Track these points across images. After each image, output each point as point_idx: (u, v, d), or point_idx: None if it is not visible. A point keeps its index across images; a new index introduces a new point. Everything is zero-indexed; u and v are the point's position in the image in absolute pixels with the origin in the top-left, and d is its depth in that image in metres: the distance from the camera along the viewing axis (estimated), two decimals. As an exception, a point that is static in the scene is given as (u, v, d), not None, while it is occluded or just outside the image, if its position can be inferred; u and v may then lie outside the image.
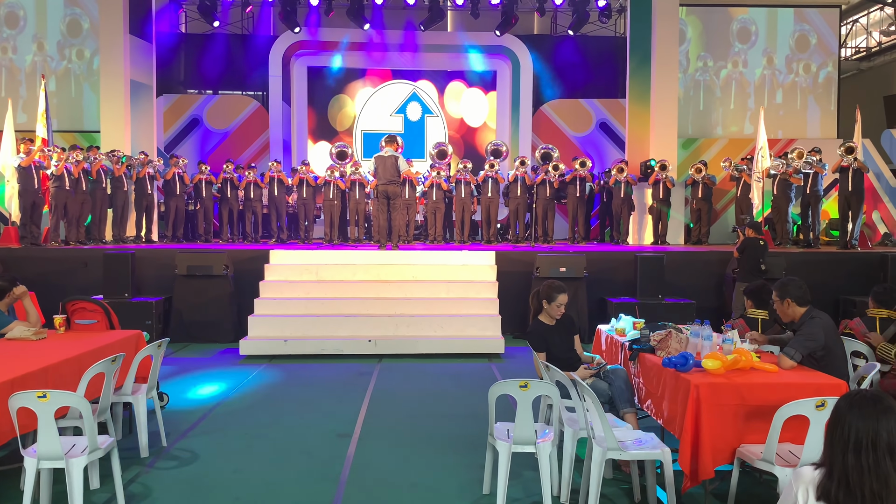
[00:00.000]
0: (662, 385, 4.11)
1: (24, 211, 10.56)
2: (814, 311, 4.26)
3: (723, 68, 15.82)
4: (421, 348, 8.21)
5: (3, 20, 15.08)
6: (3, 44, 15.07)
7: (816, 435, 3.30)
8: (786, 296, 4.29)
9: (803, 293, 4.30)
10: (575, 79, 16.09)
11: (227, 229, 12.48)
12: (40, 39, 15.17)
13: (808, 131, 15.79)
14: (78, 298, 5.34)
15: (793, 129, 15.73)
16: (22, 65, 15.11)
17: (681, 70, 15.46)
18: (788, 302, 4.29)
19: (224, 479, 4.36)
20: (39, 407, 3.45)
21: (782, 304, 4.32)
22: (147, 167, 11.76)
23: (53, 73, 15.12)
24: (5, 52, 15.08)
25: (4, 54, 15.08)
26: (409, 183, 11.87)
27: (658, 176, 12.11)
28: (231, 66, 15.93)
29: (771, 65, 15.85)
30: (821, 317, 4.22)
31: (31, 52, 15.13)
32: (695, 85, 15.83)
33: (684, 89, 15.61)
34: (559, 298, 4.71)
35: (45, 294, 7.91)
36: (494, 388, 3.81)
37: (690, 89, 15.78)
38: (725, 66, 15.82)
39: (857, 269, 9.75)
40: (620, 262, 9.76)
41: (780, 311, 4.39)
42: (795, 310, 4.28)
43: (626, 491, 4.15)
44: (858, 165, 10.80)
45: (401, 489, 4.22)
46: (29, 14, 15.07)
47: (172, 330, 8.98)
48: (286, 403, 6.15)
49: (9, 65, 15.10)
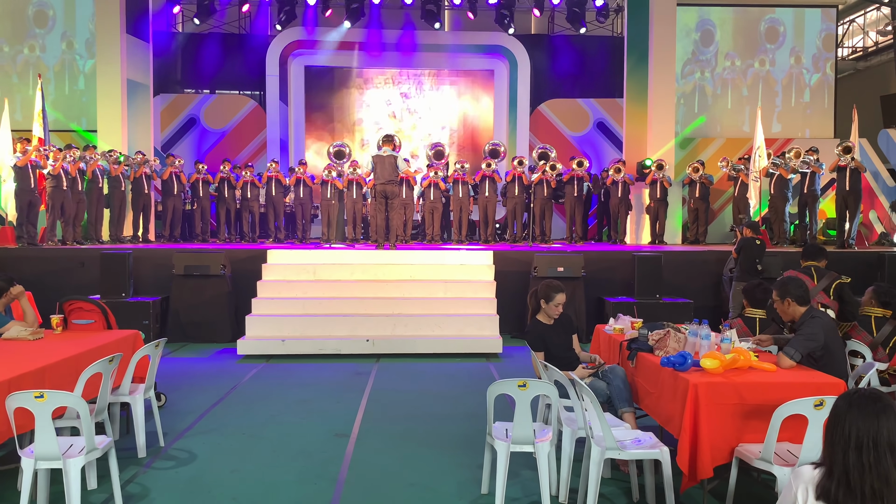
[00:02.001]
0: (661, 384, 4.11)
1: (20, 210, 10.52)
2: (814, 311, 4.26)
3: (750, 67, 15.85)
4: (419, 348, 8.20)
5: (33, 19, 15.04)
6: (32, 42, 15.04)
7: (815, 434, 3.31)
8: (786, 295, 4.28)
9: (803, 292, 4.30)
10: (572, 78, 16.10)
11: (224, 229, 12.46)
12: (69, 38, 15.15)
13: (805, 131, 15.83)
14: (75, 298, 5.32)
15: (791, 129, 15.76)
16: (51, 62, 15.08)
17: (709, 69, 15.46)
18: (789, 301, 4.28)
19: (222, 479, 4.35)
20: (37, 407, 3.43)
21: (783, 304, 4.32)
22: (144, 167, 11.74)
23: (82, 72, 15.16)
24: (33, 49, 15.03)
25: (32, 52, 15.04)
26: (407, 183, 11.86)
27: (655, 175, 12.12)
28: (228, 65, 15.92)
29: (799, 63, 15.88)
30: (821, 316, 4.22)
31: (59, 51, 15.11)
32: (722, 83, 15.82)
33: (713, 87, 15.64)
34: (557, 298, 4.71)
35: (41, 294, 7.91)
36: (493, 388, 3.80)
37: (718, 87, 15.77)
38: (752, 66, 15.85)
39: (854, 269, 9.72)
40: (618, 262, 9.76)
41: (780, 310, 4.38)
42: (796, 309, 4.28)
43: (625, 490, 4.15)
44: (855, 165, 10.82)
45: (399, 489, 4.22)
46: (58, 13, 15.00)
47: (170, 330, 8.95)
48: (284, 403, 6.14)
49: (36, 62, 15.05)
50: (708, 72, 15.86)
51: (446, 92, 16.28)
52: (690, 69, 15.82)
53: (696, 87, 15.90)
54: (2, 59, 15.11)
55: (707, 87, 15.88)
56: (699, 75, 15.86)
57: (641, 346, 4.51)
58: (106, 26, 13.00)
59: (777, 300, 4.36)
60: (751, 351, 4.09)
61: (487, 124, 16.22)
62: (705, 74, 15.86)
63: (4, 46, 15.10)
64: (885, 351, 4.94)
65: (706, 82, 15.88)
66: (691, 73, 15.84)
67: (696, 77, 15.86)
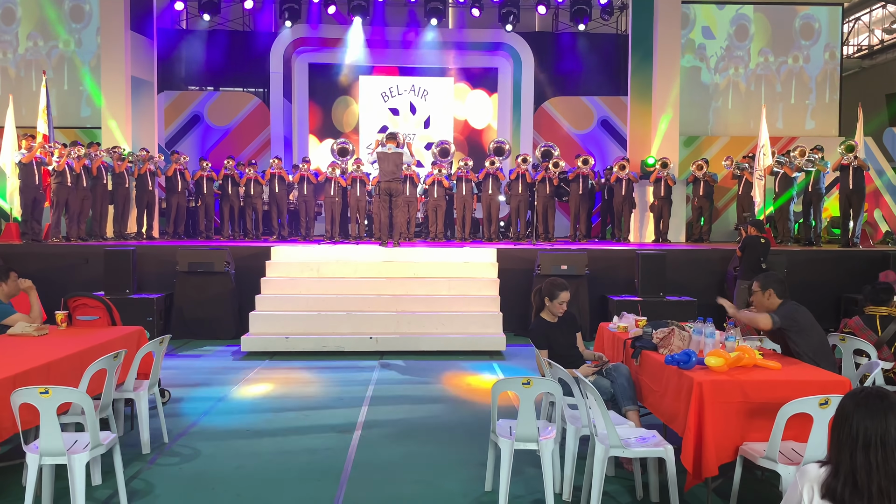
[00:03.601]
0: (665, 382, 4.10)
1: (25, 207, 10.55)
2: (789, 303, 4.45)
3: (784, 64, 15.82)
4: (422, 346, 8.20)
5: (69, 14, 15.04)
6: (69, 36, 15.06)
7: (820, 433, 3.30)
8: (768, 286, 4.48)
9: (784, 288, 4.50)
10: (576, 76, 16.06)
11: (227, 226, 12.47)
12: None
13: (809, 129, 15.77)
14: (80, 295, 5.34)
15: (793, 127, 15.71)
16: (86, 58, 15.09)
17: (742, 65, 15.48)
18: (770, 293, 4.47)
19: (226, 475, 4.35)
20: (42, 403, 3.44)
21: (763, 294, 4.49)
22: (148, 163, 11.75)
23: None
24: (68, 45, 15.06)
25: (67, 47, 15.07)
26: (411, 180, 11.85)
27: (659, 174, 12.10)
28: (232, 62, 15.90)
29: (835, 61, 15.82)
30: (797, 307, 4.41)
31: (96, 46, 15.13)
32: (756, 80, 15.79)
33: (746, 83, 15.63)
34: (561, 296, 4.70)
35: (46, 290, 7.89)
36: (497, 386, 3.80)
37: (752, 83, 15.75)
38: (786, 63, 15.81)
39: (858, 268, 9.73)
40: (622, 260, 9.75)
41: (758, 300, 4.54)
42: (774, 301, 4.47)
43: (629, 488, 4.15)
44: (860, 163, 10.79)
45: (402, 486, 4.22)
46: (94, 8, 14.98)
47: (173, 326, 8.97)
48: (287, 400, 6.14)
49: (71, 57, 15.06)
50: (742, 68, 15.80)
51: (450, 89, 16.26)
52: (725, 65, 15.78)
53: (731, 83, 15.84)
54: (35, 54, 15.06)
55: (741, 84, 15.81)
56: (733, 71, 15.80)
57: (645, 344, 4.51)
58: (110, 23, 13.01)
59: (758, 291, 4.53)
60: (755, 349, 4.09)
61: (491, 122, 16.20)
62: (739, 70, 15.79)
63: (39, 41, 15.08)
64: (890, 350, 4.94)
65: (740, 78, 15.81)
66: (725, 69, 15.79)
67: (729, 73, 15.80)
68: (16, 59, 15.06)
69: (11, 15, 15.06)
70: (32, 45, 15.05)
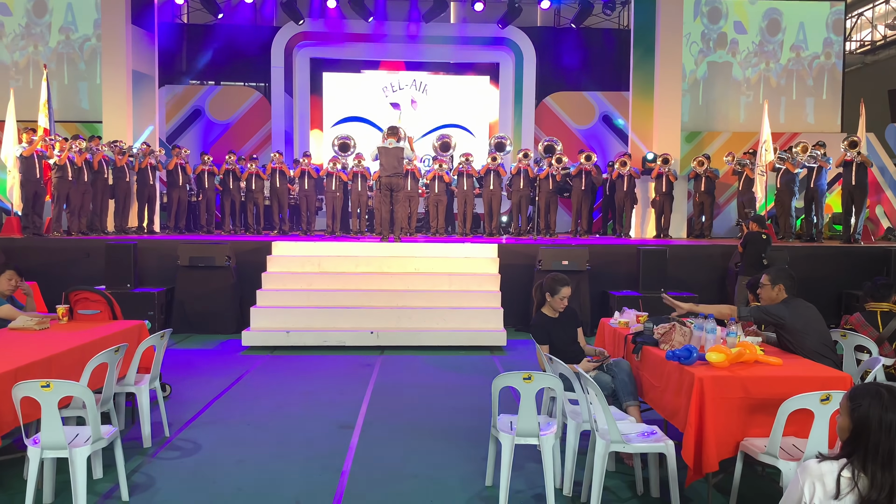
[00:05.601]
0: (666, 378, 4.10)
1: (26, 201, 10.54)
2: (792, 300, 4.47)
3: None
4: (423, 341, 8.21)
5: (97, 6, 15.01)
6: (99, 31, 15.01)
7: (821, 429, 3.30)
8: (779, 281, 4.52)
9: (793, 284, 4.53)
10: (578, 71, 16.03)
11: (229, 220, 12.47)
12: None
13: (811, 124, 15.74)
14: (81, 288, 5.34)
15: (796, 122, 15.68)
16: None
17: (774, 60, 15.51)
18: (780, 287, 4.50)
19: (226, 469, 4.36)
20: (43, 396, 3.45)
21: (773, 289, 4.53)
22: (149, 157, 11.74)
23: None
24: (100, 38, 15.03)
25: (99, 41, 15.03)
26: (412, 175, 11.84)
27: (660, 169, 12.09)
28: (233, 56, 15.88)
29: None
30: (796, 305, 4.43)
31: None
32: (787, 75, 15.75)
33: (776, 78, 15.60)
34: (562, 291, 4.70)
35: (47, 284, 7.96)
36: (498, 381, 3.80)
37: (783, 78, 15.71)
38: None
39: (860, 264, 9.72)
40: (623, 256, 9.74)
41: (766, 294, 4.57)
42: (782, 296, 4.51)
43: (629, 484, 4.15)
44: (862, 159, 10.77)
45: (403, 480, 4.22)
46: None
47: (174, 321, 8.97)
48: (288, 395, 6.15)
49: (93, 50, 15.05)
50: (773, 62, 15.76)
51: (451, 84, 16.23)
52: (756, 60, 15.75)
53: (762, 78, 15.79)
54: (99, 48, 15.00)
55: (772, 78, 15.76)
56: (764, 66, 15.75)
57: (647, 339, 4.51)
58: (111, 17, 12.97)
59: (767, 284, 4.57)
60: (756, 345, 4.08)
61: (492, 117, 16.18)
62: (770, 65, 15.74)
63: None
64: (891, 346, 4.93)
65: (771, 73, 15.77)
66: (756, 64, 15.75)
67: (760, 68, 15.76)
68: (46, 51, 15.00)
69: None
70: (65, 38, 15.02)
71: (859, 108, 12.33)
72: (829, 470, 2.21)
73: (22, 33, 14.93)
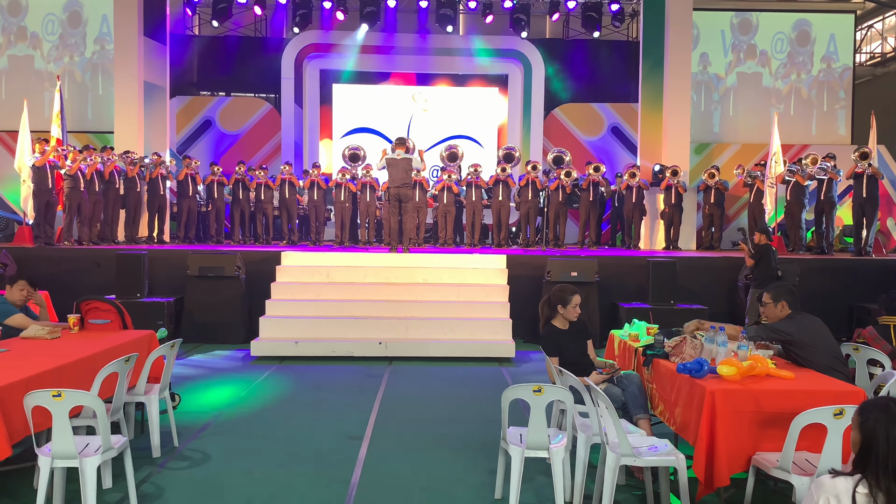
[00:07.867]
0: (676, 391, 4.08)
1: (38, 211, 10.62)
2: (796, 314, 4.44)
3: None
4: (431, 351, 8.19)
5: None
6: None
7: (834, 443, 3.27)
8: (781, 298, 4.48)
9: (795, 299, 4.51)
10: (587, 83, 16.09)
11: (238, 231, 12.52)
12: None
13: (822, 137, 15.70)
14: (92, 298, 5.36)
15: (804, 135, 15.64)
16: None
17: (807, 71, 15.61)
18: (783, 304, 4.46)
19: (235, 480, 4.36)
20: (54, 406, 3.46)
21: (775, 306, 4.48)
22: (160, 168, 11.82)
23: None
24: None
25: None
26: (420, 186, 11.87)
27: (670, 181, 12.07)
28: (244, 68, 16.02)
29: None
30: (801, 319, 4.39)
31: None
32: (817, 86, 15.76)
33: (807, 89, 15.67)
34: (573, 300, 4.68)
35: (58, 293, 7.99)
36: (508, 393, 3.79)
37: (813, 89, 15.70)
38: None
39: (871, 277, 9.65)
40: (632, 267, 9.71)
41: (770, 312, 4.53)
42: (786, 312, 4.47)
43: (639, 497, 4.12)
44: (873, 171, 10.71)
45: (412, 492, 4.21)
46: None
47: (184, 330, 8.99)
48: (297, 405, 6.15)
49: None
50: (806, 73, 15.79)
51: (460, 95, 16.29)
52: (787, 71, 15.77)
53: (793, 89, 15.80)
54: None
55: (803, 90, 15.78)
56: (795, 77, 15.77)
57: (657, 352, 4.49)
58: (123, 29, 13.12)
59: (769, 302, 4.52)
60: (768, 358, 4.06)
61: (501, 128, 16.21)
62: (801, 76, 15.75)
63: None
64: (904, 360, 4.88)
65: (802, 83, 15.76)
66: (787, 74, 15.77)
67: (791, 79, 15.78)
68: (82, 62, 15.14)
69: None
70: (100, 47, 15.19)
71: (870, 120, 12.30)
72: (844, 487, 2.19)
73: (57, 44, 15.11)
